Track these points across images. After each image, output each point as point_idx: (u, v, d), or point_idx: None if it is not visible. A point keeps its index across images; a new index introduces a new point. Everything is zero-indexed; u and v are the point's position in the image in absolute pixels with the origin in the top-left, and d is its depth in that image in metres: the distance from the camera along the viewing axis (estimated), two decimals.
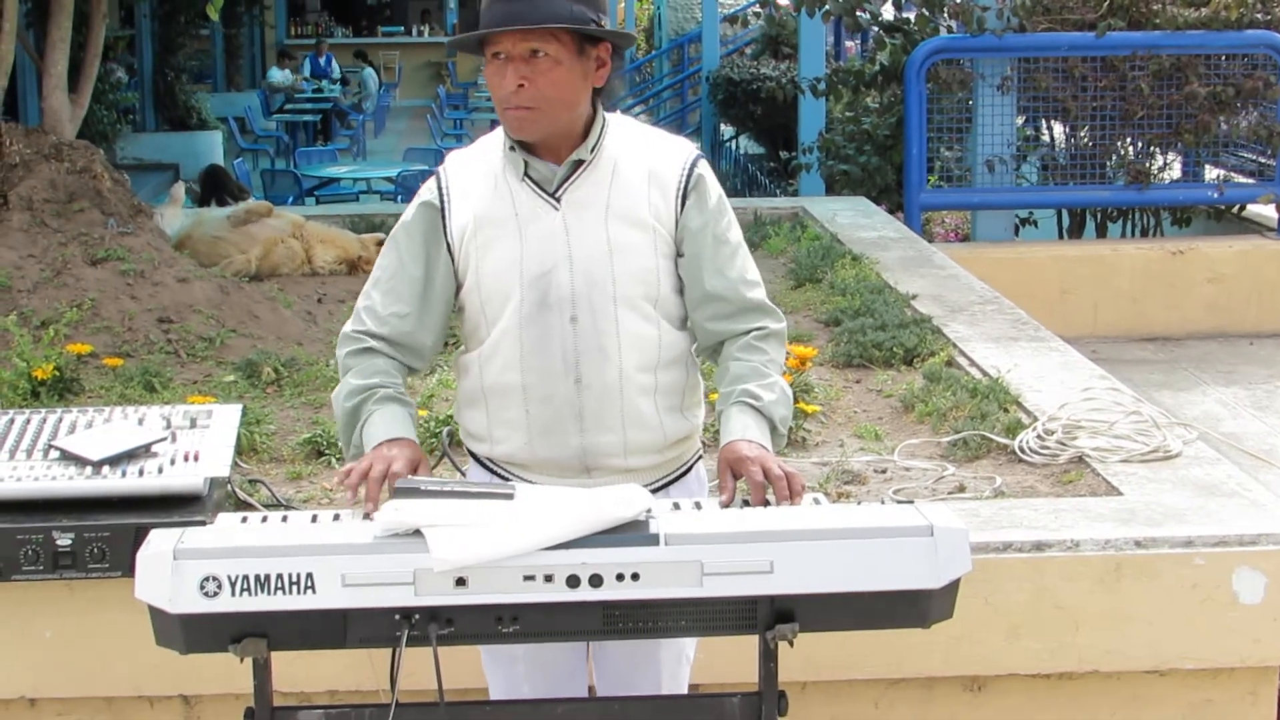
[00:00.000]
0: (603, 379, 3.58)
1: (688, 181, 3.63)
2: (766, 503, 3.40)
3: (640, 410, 3.62)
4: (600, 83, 3.57)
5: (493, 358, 3.63)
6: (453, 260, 3.65)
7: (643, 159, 3.62)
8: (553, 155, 3.57)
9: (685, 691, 3.86)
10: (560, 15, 3.43)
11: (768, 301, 3.76)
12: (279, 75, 28.90)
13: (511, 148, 3.58)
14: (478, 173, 3.65)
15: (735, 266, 3.68)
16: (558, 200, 3.57)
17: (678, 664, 3.81)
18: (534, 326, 3.57)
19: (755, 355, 3.67)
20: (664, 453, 3.70)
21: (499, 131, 3.64)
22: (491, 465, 3.73)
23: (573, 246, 3.56)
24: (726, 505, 3.43)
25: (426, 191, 3.69)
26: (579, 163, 3.57)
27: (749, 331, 3.70)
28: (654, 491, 3.62)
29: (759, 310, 3.72)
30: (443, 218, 3.64)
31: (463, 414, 3.77)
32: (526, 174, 3.58)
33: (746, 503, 3.39)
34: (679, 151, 3.68)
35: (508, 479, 3.65)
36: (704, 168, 3.68)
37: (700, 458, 3.86)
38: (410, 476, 3.37)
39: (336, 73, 30.41)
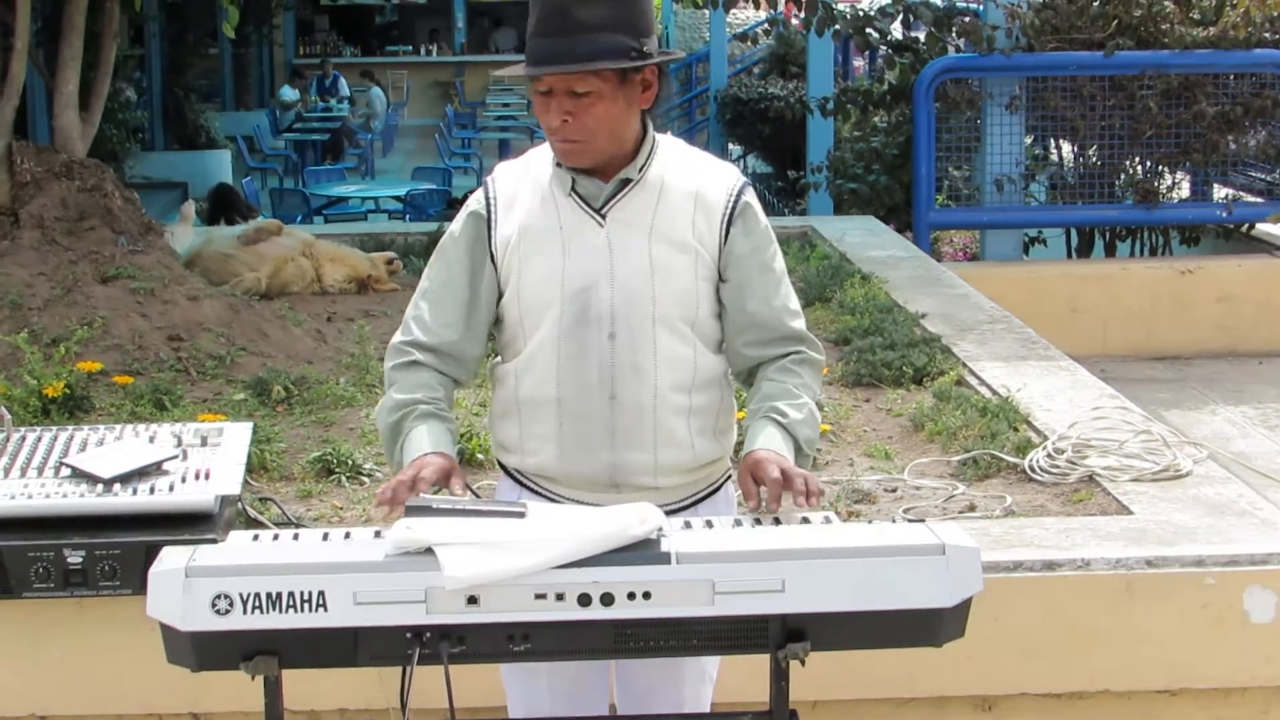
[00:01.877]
0: (637, 397, 3.59)
1: (734, 208, 3.63)
2: (779, 500, 3.40)
3: (673, 430, 3.62)
4: (648, 104, 3.57)
5: (529, 369, 3.64)
6: (496, 270, 3.66)
7: (690, 182, 3.63)
8: (600, 172, 3.58)
9: (708, 710, 3.85)
10: (599, 53, 3.42)
11: (808, 333, 3.77)
12: (290, 94, 28.95)
13: (559, 163, 3.59)
14: (525, 184, 3.66)
15: (780, 295, 3.70)
16: (603, 217, 3.58)
17: (700, 682, 3.80)
18: (572, 340, 3.58)
19: (789, 377, 3.68)
20: (693, 473, 3.71)
21: (547, 146, 3.64)
22: (521, 477, 3.72)
23: (615, 264, 3.57)
24: (754, 509, 3.44)
25: (474, 201, 3.71)
26: (626, 181, 3.58)
27: (786, 355, 3.70)
28: (682, 509, 3.63)
29: (799, 339, 3.73)
30: (488, 227, 3.65)
31: (495, 424, 3.77)
32: (574, 189, 3.59)
33: (759, 521, 3.39)
34: (726, 177, 3.68)
35: (537, 493, 3.66)
36: (750, 195, 3.69)
37: (729, 477, 3.86)
38: (423, 495, 3.37)
39: (345, 90, 30.42)
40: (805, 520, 3.36)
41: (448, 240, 3.73)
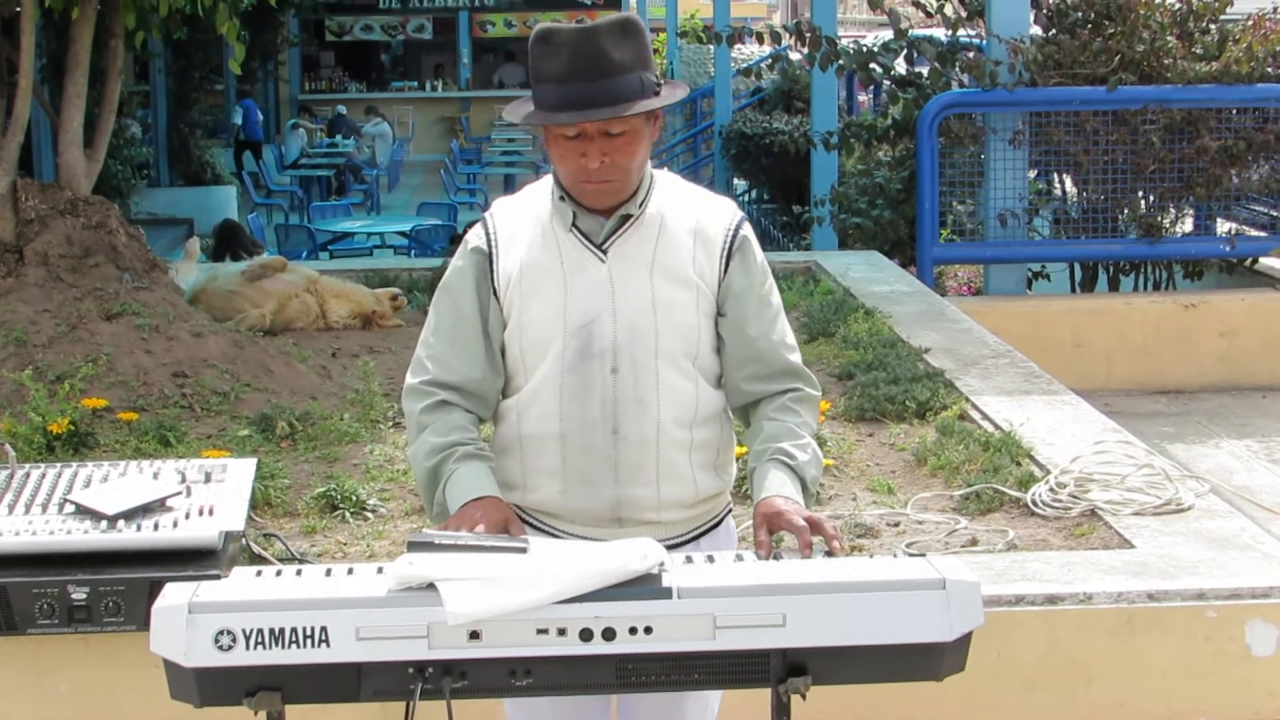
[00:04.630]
0: (640, 431, 3.59)
1: (732, 242, 3.66)
2: (810, 545, 3.38)
3: (675, 465, 3.62)
4: (657, 135, 3.61)
5: (531, 405, 3.63)
6: (499, 306, 3.65)
7: (689, 217, 3.64)
8: (601, 208, 3.58)
9: None
10: (634, 93, 3.43)
11: (804, 368, 3.76)
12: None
13: (561, 198, 3.59)
14: (525, 220, 3.66)
15: (777, 330, 3.70)
16: (604, 252, 3.58)
17: (702, 714, 3.78)
18: (575, 376, 3.58)
19: (790, 416, 3.67)
20: (695, 507, 3.70)
21: (547, 180, 3.65)
22: (521, 513, 3.68)
23: (617, 299, 3.57)
24: (765, 558, 3.40)
25: (475, 237, 3.69)
26: (627, 217, 3.58)
27: (784, 392, 3.70)
28: (684, 544, 3.62)
29: (795, 374, 3.72)
30: (491, 263, 3.64)
31: (496, 461, 3.72)
32: (574, 224, 3.59)
33: (779, 557, 3.39)
34: (724, 212, 3.71)
35: (538, 528, 3.65)
36: (748, 230, 3.71)
37: (730, 510, 3.85)
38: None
39: (259, 135, 29.16)
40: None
41: (453, 276, 3.70)
